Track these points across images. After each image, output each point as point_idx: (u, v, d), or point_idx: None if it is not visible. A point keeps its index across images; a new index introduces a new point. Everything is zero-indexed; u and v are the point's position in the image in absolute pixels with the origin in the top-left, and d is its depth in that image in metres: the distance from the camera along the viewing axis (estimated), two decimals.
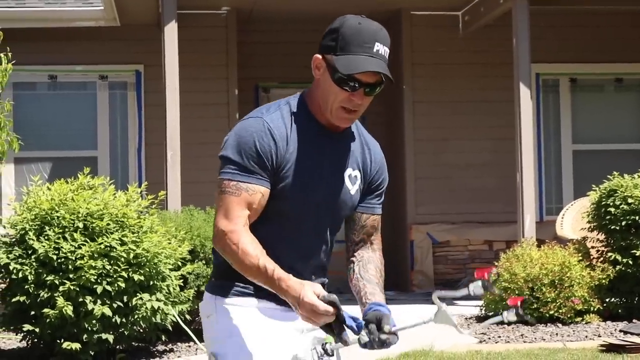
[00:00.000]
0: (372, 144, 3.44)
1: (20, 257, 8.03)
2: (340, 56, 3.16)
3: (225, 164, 3.19)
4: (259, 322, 3.23)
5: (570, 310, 9.44)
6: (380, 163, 3.42)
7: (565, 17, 12.85)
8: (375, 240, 3.44)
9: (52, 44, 12.49)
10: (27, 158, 12.26)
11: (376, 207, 3.42)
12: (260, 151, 3.16)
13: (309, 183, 3.23)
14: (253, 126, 3.19)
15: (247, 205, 3.15)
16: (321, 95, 3.24)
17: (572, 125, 13.20)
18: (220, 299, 3.27)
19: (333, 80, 3.18)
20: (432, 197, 12.74)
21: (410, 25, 12.86)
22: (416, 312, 10.60)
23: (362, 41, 3.16)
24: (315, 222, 3.28)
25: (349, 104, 3.19)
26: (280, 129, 3.20)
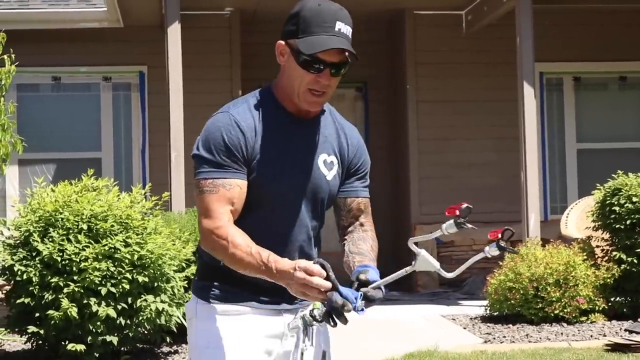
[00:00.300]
0: (348, 128, 3.41)
1: (25, 259, 8.03)
2: (303, 38, 3.16)
3: (199, 163, 3.19)
4: (237, 334, 3.21)
5: (575, 310, 9.43)
6: (357, 146, 3.40)
7: (569, 15, 12.83)
8: (366, 222, 3.44)
9: (55, 46, 12.50)
10: (31, 160, 12.27)
11: (360, 190, 3.42)
12: (230, 144, 3.16)
13: (281, 171, 3.22)
14: (220, 121, 3.20)
15: (228, 200, 3.15)
16: (287, 81, 3.23)
17: (576, 124, 13.19)
18: (202, 303, 3.27)
19: (298, 64, 3.17)
20: (436, 197, 12.73)
21: (414, 24, 12.85)
22: (421, 312, 10.60)
23: (322, 21, 3.16)
24: (293, 210, 3.26)
25: (316, 85, 3.18)
26: (248, 120, 3.20)
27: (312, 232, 3.32)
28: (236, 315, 3.23)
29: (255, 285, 3.22)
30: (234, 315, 3.23)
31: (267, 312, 3.25)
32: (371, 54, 13.43)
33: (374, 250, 3.36)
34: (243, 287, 3.23)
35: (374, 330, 9.64)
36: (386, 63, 13.48)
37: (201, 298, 3.28)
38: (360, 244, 3.34)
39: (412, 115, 12.81)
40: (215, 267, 3.24)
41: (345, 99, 13.66)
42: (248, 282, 3.22)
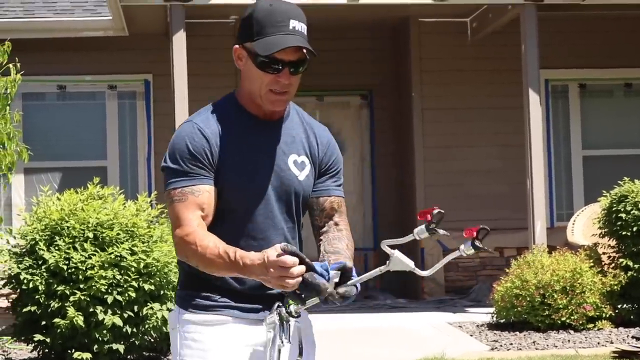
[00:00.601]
0: (317, 127, 3.41)
1: (31, 268, 8.04)
2: (258, 40, 3.16)
3: (167, 174, 3.21)
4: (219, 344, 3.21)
5: (582, 317, 9.41)
6: (327, 144, 3.39)
7: (574, 22, 12.82)
8: (341, 222, 3.39)
9: (60, 54, 12.51)
10: (37, 168, 12.27)
11: (332, 189, 3.38)
12: (194, 151, 3.17)
13: (250, 174, 3.22)
14: (184, 130, 3.22)
15: (197, 206, 3.15)
16: (249, 85, 3.23)
17: (582, 131, 13.17)
18: (183, 312, 3.27)
19: (256, 66, 3.18)
20: (441, 204, 12.57)
21: (419, 32, 12.85)
22: (428, 319, 10.58)
23: (275, 21, 3.16)
24: (266, 213, 3.25)
25: (277, 85, 3.19)
26: (211, 127, 3.21)
27: (288, 235, 3.30)
28: (218, 325, 3.23)
29: (237, 292, 3.22)
30: (216, 325, 3.23)
31: (249, 321, 3.24)
32: (376, 62, 13.44)
33: (350, 249, 3.32)
34: (224, 295, 3.23)
35: (380, 338, 9.63)
36: (391, 70, 13.47)
37: (183, 308, 3.27)
38: (335, 243, 3.30)
39: (417, 123, 12.80)
40: (195, 275, 3.24)
41: (350, 107, 13.65)
42: (229, 290, 3.22)
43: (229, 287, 3.22)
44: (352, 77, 13.40)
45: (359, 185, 13.53)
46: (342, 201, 3.41)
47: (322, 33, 13.23)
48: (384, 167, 13.49)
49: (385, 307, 12.02)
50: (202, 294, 3.24)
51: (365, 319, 10.94)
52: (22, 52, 8.65)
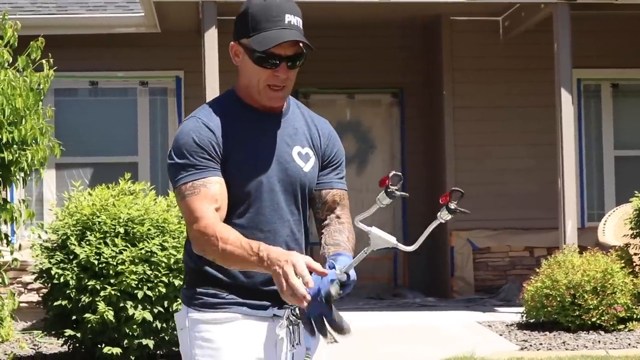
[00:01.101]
0: (318, 119, 3.41)
1: (62, 262, 8.08)
2: (254, 36, 3.16)
3: (175, 170, 3.18)
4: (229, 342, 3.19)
5: (612, 318, 9.36)
6: (328, 136, 3.39)
7: (607, 21, 12.75)
8: (343, 215, 3.37)
9: (93, 51, 12.56)
10: (68, 164, 12.33)
11: (334, 182, 3.37)
12: (201, 144, 3.16)
13: (255, 167, 3.21)
14: (188, 126, 3.21)
15: (211, 199, 3.12)
16: (247, 81, 3.24)
17: (614, 131, 13.10)
18: (192, 311, 3.25)
19: (253, 62, 3.18)
20: (472, 203, 12.66)
21: (450, 31, 12.82)
22: (457, 318, 10.56)
23: (270, 16, 3.16)
24: (272, 205, 3.24)
25: (275, 80, 3.19)
26: (215, 120, 3.21)
27: (294, 227, 3.29)
28: (227, 323, 3.21)
29: (245, 289, 3.20)
30: (225, 323, 3.21)
31: (258, 318, 3.22)
32: (407, 60, 13.41)
33: (351, 241, 3.29)
34: (232, 292, 3.21)
35: (409, 336, 9.61)
36: (422, 69, 13.44)
37: (191, 307, 3.25)
38: (336, 236, 3.28)
39: (448, 121, 12.77)
40: (202, 273, 3.23)
41: (381, 105, 13.64)
42: (237, 287, 3.21)
43: (237, 284, 3.21)
44: (383, 75, 13.38)
45: None
46: (345, 194, 3.40)
47: (353, 31, 13.23)
48: (415, 166, 13.46)
49: (415, 305, 12.01)
50: (210, 292, 3.23)
51: (394, 317, 10.92)
52: (55, 48, 8.69)
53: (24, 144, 7.83)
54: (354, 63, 13.26)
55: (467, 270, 12.57)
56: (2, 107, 7.60)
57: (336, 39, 13.17)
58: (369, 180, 13.45)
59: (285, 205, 3.26)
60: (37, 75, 8.03)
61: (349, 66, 13.20)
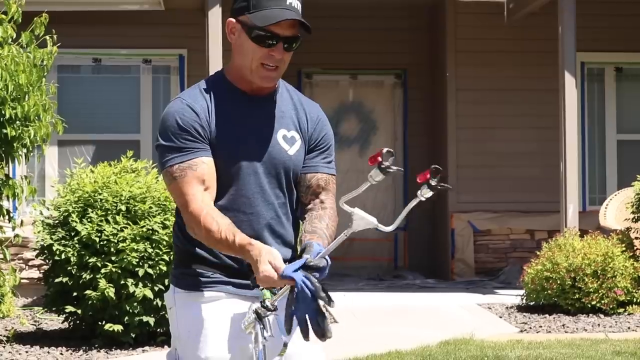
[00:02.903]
0: (308, 103, 3.40)
1: (64, 239, 8.10)
2: (255, 12, 3.17)
3: (162, 152, 3.21)
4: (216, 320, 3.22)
5: (612, 301, 9.38)
6: (317, 120, 3.37)
7: (611, 5, 12.72)
8: (326, 200, 3.34)
9: (96, 28, 12.54)
10: (71, 141, 12.33)
11: (320, 166, 3.35)
12: (185, 126, 3.18)
13: (238, 149, 3.22)
14: (173, 107, 3.23)
15: (198, 180, 3.15)
16: (240, 59, 3.24)
17: (617, 115, 13.08)
18: (179, 292, 3.28)
19: (251, 39, 3.19)
20: (473, 186, 12.68)
21: (454, 12, 12.78)
22: (457, 300, 10.57)
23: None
24: (256, 188, 3.25)
25: (269, 60, 3.20)
26: (200, 102, 3.22)
27: (280, 210, 3.30)
28: (213, 302, 3.24)
29: (230, 269, 3.23)
30: (211, 302, 3.24)
31: (243, 297, 3.24)
32: (411, 42, 13.39)
33: (330, 228, 3.27)
34: (218, 270, 3.24)
35: (409, 317, 9.63)
36: (426, 51, 13.43)
37: (178, 287, 3.29)
38: (315, 223, 3.27)
39: (451, 104, 12.76)
40: (189, 253, 3.26)
41: (384, 86, 13.63)
42: (223, 267, 3.23)
43: (224, 264, 3.23)
44: (387, 56, 13.36)
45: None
46: (331, 179, 3.37)
47: (357, 12, 13.20)
48: (417, 147, 13.46)
49: (415, 287, 12.03)
50: (196, 272, 3.26)
51: (394, 298, 10.94)
52: (59, 25, 8.67)
53: (27, 120, 7.84)
54: (357, 44, 13.24)
55: (467, 253, 12.58)
56: (5, 83, 7.61)
57: (339, 20, 13.15)
58: None
59: (269, 188, 3.27)
60: (40, 52, 8.04)
61: (352, 47, 13.18)
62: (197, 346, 3.22)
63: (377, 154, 2.95)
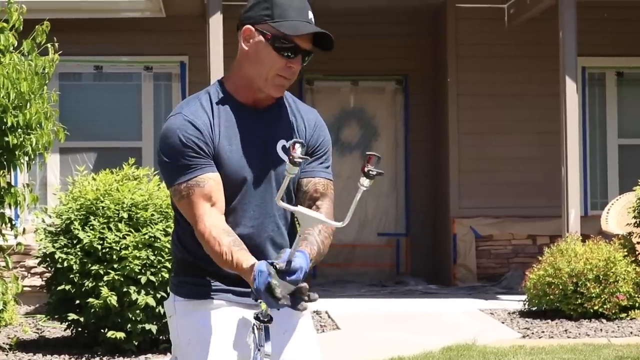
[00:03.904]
0: (304, 110, 3.39)
1: (66, 247, 8.10)
2: (282, 22, 3.16)
3: (167, 170, 3.21)
4: (216, 328, 3.22)
5: (615, 306, 9.37)
6: (314, 126, 3.36)
7: (613, 9, 12.72)
8: (322, 205, 3.30)
9: (98, 35, 12.56)
10: (72, 148, 12.34)
11: (316, 171, 3.33)
12: (188, 143, 3.16)
13: (239, 163, 3.21)
14: (174, 124, 3.20)
15: (205, 197, 3.15)
16: (253, 68, 3.22)
17: (618, 119, 13.08)
18: (179, 300, 3.28)
19: (273, 48, 3.17)
20: (475, 191, 12.68)
21: (455, 18, 12.80)
22: (459, 306, 10.57)
23: (296, 7, 3.19)
24: (257, 200, 3.25)
25: (286, 72, 3.20)
26: (202, 117, 3.21)
27: (280, 221, 3.30)
28: (213, 310, 3.24)
29: (230, 277, 3.22)
30: (211, 310, 3.24)
31: (243, 305, 3.24)
32: (412, 48, 13.41)
33: (322, 234, 3.23)
34: (217, 280, 3.24)
35: (411, 323, 9.63)
36: (427, 56, 13.44)
37: (178, 295, 3.29)
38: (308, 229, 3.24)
39: (452, 109, 12.76)
40: (188, 262, 3.27)
41: (385, 92, 13.64)
42: (221, 276, 3.23)
43: (223, 273, 3.22)
44: (388, 62, 13.37)
45: (392, 170, 13.52)
46: (328, 184, 3.35)
47: (358, 17, 13.21)
48: (418, 153, 13.46)
49: (417, 293, 12.02)
50: (196, 280, 3.26)
51: (397, 304, 10.94)
52: (60, 32, 8.68)
53: (29, 128, 7.85)
54: (358, 50, 13.25)
55: (469, 258, 12.58)
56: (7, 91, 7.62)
57: (341, 26, 13.13)
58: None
59: (270, 200, 3.25)
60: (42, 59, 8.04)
61: (354, 53, 13.20)
62: (198, 354, 3.22)
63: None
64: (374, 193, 13.32)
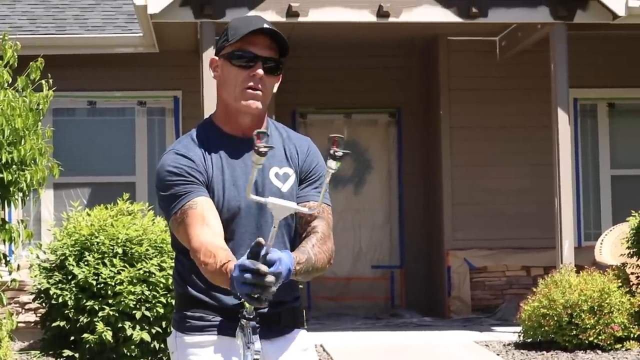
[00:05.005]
0: (297, 138, 3.44)
1: (60, 282, 8.10)
2: (233, 41, 3.26)
3: (164, 204, 3.27)
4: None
5: (609, 337, 9.37)
6: (307, 152, 3.40)
7: (604, 42, 12.81)
8: (318, 225, 3.31)
9: (91, 70, 12.60)
10: (66, 183, 12.35)
11: (310, 195, 3.36)
12: (180, 172, 3.24)
13: (232, 192, 3.27)
14: (166, 160, 3.30)
15: (199, 219, 3.19)
16: (225, 92, 3.31)
17: (610, 150, 13.13)
18: (180, 336, 3.31)
19: (231, 64, 3.27)
20: (469, 223, 12.70)
21: (447, 50, 12.87)
22: (454, 338, 10.56)
23: (249, 23, 3.27)
24: (253, 228, 3.29)
25: (251, 81, 3.26)
26: (194, 150, 3.29)
27: (279, 248, 3.26)
28: (213, 346, 3.26)
29: (230, 311, 3.24)
30: (210, 346, 3.26)
31: None
32: (405, 80, 13.46)
33: (315, 247, 3.22)
34: (218, 315, 3.27)
35: (406, 355, 9.62)
36: (419, 89, 13.50)
37: (179, 330, 3.32)
38: (303, 243, 3.26)
39: (445, 141, 12.81)
40: (189, 296, 3.30)
41: (378, 125, 13.68)
42: (223, 310, 3.26)
43: (223, 307, 3.26)
44: (381, 95, 13.43)
45: (385, 203, 13.54)
46: (324, 207, 3.36)
47: (351, 51, 13.27)
48: (412, 185, 13.49)
49: (412, 325, 12.01)
50: (196, 315, 3.29)
51: (392, 336, 10.93)
52: (53, 68, 8.71)
53: (23, 164, 7.86)
54: (351, 83, 13.31)
55: (464, 290, 12.58)
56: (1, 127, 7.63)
57: (334, 59, 13.23)
58: (367, 200, 13.47)
59: (266, 228, 3.29)
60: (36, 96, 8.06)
61: (346, 86, 13.26)
62: None
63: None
64: (368, 225, 13.35)
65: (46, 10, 13.00)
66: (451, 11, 10.87)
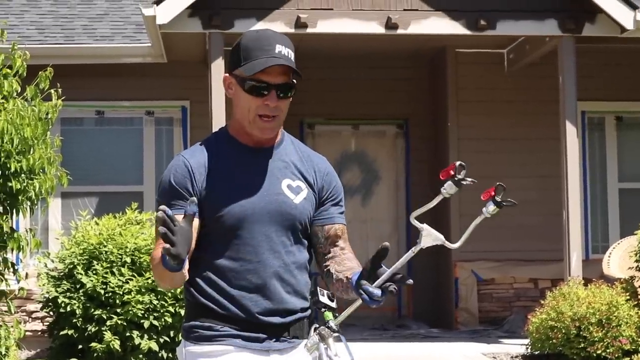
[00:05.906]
0: (314, 156, 3.47)
1: (69, 291, 8.11)
2: (245, 64, 3.25)
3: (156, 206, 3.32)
4: None
5: (617, 350, 9.35)
6: (325, 172, 3.44)
7: (612, 54, 12.81)
8: (346, 247, 3.42)
9: (99, 80, 12.62)
10: (74, 192, 12.36)
11: (336, 217, 3.42)
12: (175, 184, 3.28)
13: (240, 200, 3.28)
14: (172, 164, 3.35)
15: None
16: (239, 112, 3.32)
17: (618, 163, 13.12)
18: (189, 345, 3.32)
19: (244, 90, 3.26)
20: (476, 235, 12.60)
21: (456, 62, 12.87)
22: (462, 350, 10.55)
23: (261, 45, 3.25)
24: (261, 237, 3.30)
25: (265, 110, 3.26)
26: (198, 157, 3.31)
27: (287, 258, 3.33)
28: (222, 355, 3.26)
29: (238, 320, 3.26)
30: (220, 355, 3.26)
31: (253, 351, 3.27)
32: (412, 92, 13.47)
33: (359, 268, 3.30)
34: (227, 324, 3.27)
35: None
36: (427, 100, 13.50)
37: (188, 340, 3.32)
38: (346, 263, 3.35)
39: (453, 153, 12.80)
40: (198, 305, 3.31)
41: (386, 136, 13.68)
42: (232, 319, 3.27)
43: (231, 316, 3.27)
44: (388, 106, 13.43)
45: (393, 213, 13.53)
46: (345, 228, 3.46)
47: (359, 62, 13.29)
48: (420, 197, 13.46)
49: (419, 336, 12.00)
50: (205, 325, 3.29)
51: (399, 348, 10.91)
52: (62, 78, 8.74)
53: (32, 173, 7.87)
54: (359, 94, 13.32)
55: (471, 302, 12.56)
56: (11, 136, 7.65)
57: (342, 70, 13.24)
58: (374, 210, 13.47)
59: (275, 237, 3.31)
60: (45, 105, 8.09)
61: (354, 97, 13.26)
62: None
63: (449, 167, 3.03)
64: (375, 236, 13.33)
65: (55, 20, 13.04)
66: (460, 23, 10.89)
